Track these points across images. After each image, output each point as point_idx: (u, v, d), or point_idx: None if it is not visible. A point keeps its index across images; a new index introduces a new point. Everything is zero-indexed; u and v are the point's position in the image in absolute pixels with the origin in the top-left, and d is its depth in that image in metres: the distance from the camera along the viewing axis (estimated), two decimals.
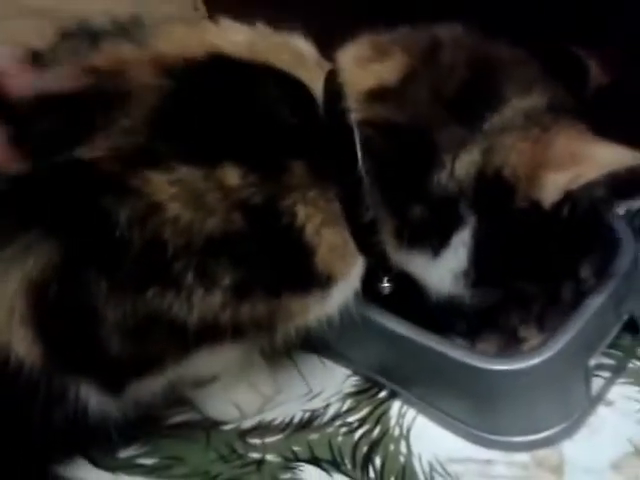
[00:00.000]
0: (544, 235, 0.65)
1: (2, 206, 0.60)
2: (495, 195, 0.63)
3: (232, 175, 0.61)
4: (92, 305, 0.61)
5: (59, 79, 0.63)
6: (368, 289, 0.72)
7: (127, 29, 0.67)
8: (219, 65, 0.64)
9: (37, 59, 0.66)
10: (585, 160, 0.59)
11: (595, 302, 0.71)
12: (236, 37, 0.67)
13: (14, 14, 1.92)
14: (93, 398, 0.66)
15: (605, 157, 0.59)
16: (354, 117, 0.64)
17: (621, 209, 0.88)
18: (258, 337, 0.69)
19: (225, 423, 0.79)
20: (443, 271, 0.67)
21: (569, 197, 0.61)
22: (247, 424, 0.79)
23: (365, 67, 0.66)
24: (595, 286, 0.73)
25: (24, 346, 0.61)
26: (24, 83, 0.63)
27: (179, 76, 0.62)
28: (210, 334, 0.65)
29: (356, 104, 0.65)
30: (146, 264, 0.61)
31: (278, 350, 0.76)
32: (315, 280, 0.65)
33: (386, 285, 0.71)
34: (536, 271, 0.69)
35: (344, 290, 0.68)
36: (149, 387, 0.69)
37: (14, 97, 0.62)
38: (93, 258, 0.60)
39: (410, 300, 0.73)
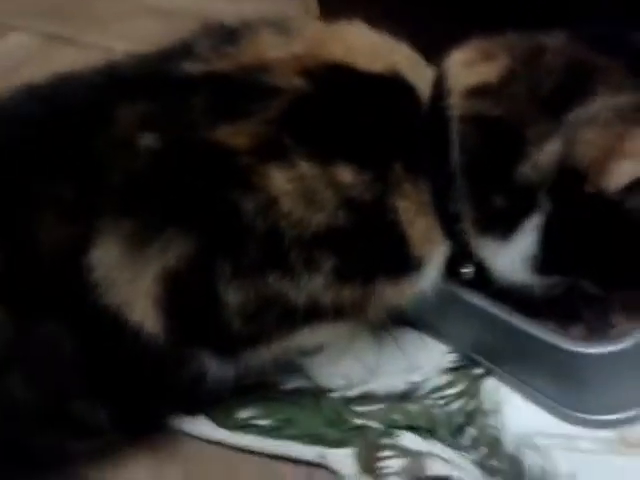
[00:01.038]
0: (611, 227, 0.72)
1: (142, 195, 0.73)
2: (571, 181, 0.71)
3: (346, 173, 0.72)
4: (218, 290, 0.73)
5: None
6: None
7: (272, 22, 0.81)
8: (347, 73, 0.76)
9: (185, 49, 0.80)
10: None
11: None
12: (366, 38, 0.80)
13: (142, 14, 2.10)
14: (212, 364, 0.79)
15: None
16: (454, 113, 0.75)
17: None
18: (355, 317, 0.80)
19: (332, 391, 0.89)
20: (513, 255, 0.76)
21: (635, 186, 0.68)
22: (352, 393, 0.89)
23: (470, 68, 0.77)
24: None
25: (154, 323, 0.74)
26: None
27: (314, 79, 0.74)
28: (315, 315, 0.77)
29: (457, 100, 0.75)
30: (267, 251, 0.73)
31: (383, 326, 0.89)
32: (408, 264, 0.76)
33: (467, 270, 0.80)
34: (603, 268, 0.76)
35: (433, 272, 0.79)
36: (259, 356, 0.82)
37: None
38: (222, 248, 0.73)
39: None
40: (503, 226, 0.75)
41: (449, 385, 0.87)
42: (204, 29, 0.83)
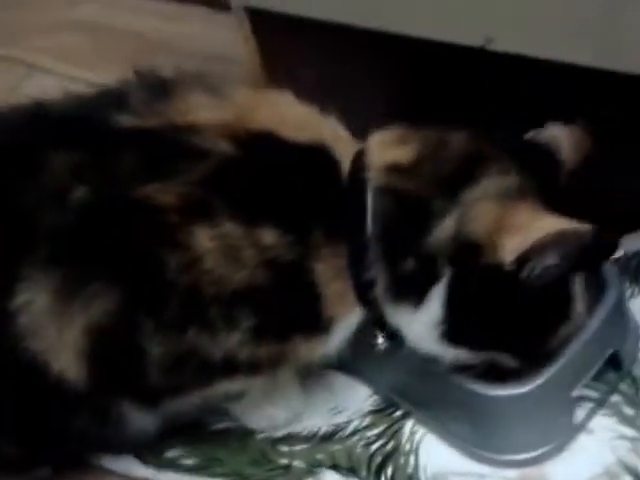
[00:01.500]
0: (509, 295, 0.80)
1: (70, 248, 0.78)
2: (466, 253, 0.80)
3: (269, 235, 0.79)
4: (140, 343, 0.79)
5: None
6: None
7: (205, 81, 0.87)
8: (273, 141, 0.82)
9: (120, 99, 0.84)
10: (532, 226, 0.77)
11: (581, 338, 0.88)
12: (294, 109, 0.87)
13: (65, 28, 2.14)
14: (134, 412, 0.86)
15: (546, 224, 0.76)
16: (371, 185, 0.83)
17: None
18: (270, 372, 0.86)
19: (259, 432, 0.97)
20: (423, 323, 0.83)
21: (524, 258, 0.77)
22: (278, 434, 0.97)
23: (387, 149, 0.86)
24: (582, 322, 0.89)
25: (76, 373, 0.80)
26: None
27: (242, 145, 0.80)
28: (232, 369, 0.83)
29: (375, 173, 0.83)
30: (189, 307, 0.79)
31: (310, 370, 0.96)
32: (320, 324, 0.83)
33: (381, 342, 0.89)
34: (508, 338, 0.84)
35: (341, 334, 0.86)
36: (180, 404, 0.88)
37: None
38: (145, 303, 0.78)
39: None
40: (414, 294, 0.82)
41: (370, 426, 0.96)
42: (138, 77, 0.88)
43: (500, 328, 0.83)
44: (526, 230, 0.77)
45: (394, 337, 0.87)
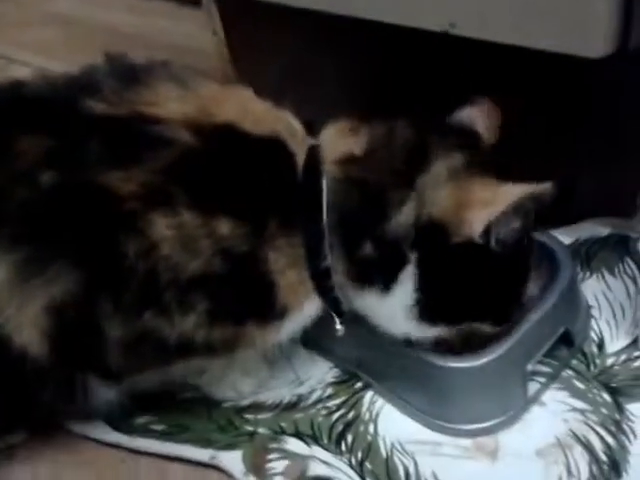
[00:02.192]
0: (480, 268, 0.84)
1: (34, 225, 0.80)
2: (431, 235, 0.83)
3: (225, 225, 0.81)
4: (100, 323, 0.82)
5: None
6: None
7: (173, 72, 0.88)
8: (234, 134, 0.84)
9: (92, 84, 0.86)
10: (494, 198, 0.81)
11: (535, 315, 0.92)
12: (255, 105, 0.89)
13: (41, 22, 2.16)
14: (96, 386, 0.89)
15: (506, 194, 0.80)
16: (326, 176, 0.86)
17: (567, 239, 1.11)
18: (225, 354, 0.90)
19: (225, 401, 1.00)
20: (393, 307, 0.87)
21: (491, 229, 0.82)
22: (243, 403, 1.00)
23: (339, 140, 0.89)
24: (536, 300, 0.94)
25: (38, 347, 0.82)
26: None
27: (204, 136, 0.82)
28: (187, 350, 0.86)
29: (329, 165, 0.86)
30: (146, 291, 0.81)
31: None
32: (274, 312, 0.86)
33: (339, 327, 0.91)
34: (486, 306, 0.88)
35: (295, 322, 0.89)
36: (142, 380, 0.91)
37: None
38: (105, 286, 0.81)
39: None
40: (380, 279, 0.86)
41: (332, 396, 0.99)
42: (108, 62, 0.90)
43: (476, 300, 0.87)
44: (489, 203, 0.81)
45: (353, 320, 0.91)
